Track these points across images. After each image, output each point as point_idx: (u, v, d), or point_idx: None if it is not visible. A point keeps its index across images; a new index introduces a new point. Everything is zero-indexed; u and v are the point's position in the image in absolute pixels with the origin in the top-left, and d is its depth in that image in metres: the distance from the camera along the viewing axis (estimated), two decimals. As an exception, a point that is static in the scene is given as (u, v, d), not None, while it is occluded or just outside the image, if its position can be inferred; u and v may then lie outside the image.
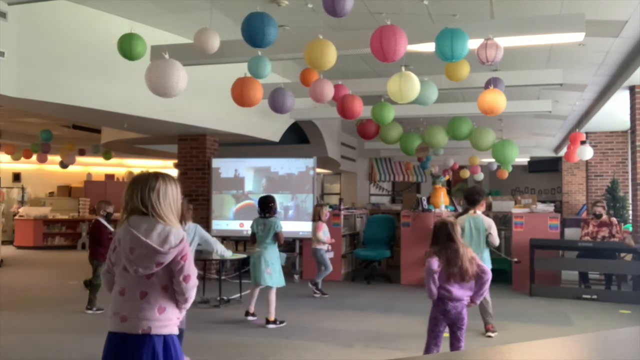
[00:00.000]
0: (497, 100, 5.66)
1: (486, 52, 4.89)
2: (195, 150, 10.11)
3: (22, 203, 17.12)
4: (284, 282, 6.49)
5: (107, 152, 14.04)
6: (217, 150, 10.42)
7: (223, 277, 8.06)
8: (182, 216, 4.76)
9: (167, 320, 2.54)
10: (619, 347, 2.05)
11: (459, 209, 10.27)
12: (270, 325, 6.35)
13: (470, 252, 4.12)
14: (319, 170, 14.11)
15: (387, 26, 4.64)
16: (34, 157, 13.47)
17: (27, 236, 15.16)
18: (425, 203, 9.82)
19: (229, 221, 9.93)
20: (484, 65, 5.07)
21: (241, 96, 5.53)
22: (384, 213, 11.60)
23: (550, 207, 9.23)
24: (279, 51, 6.10)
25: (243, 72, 5.65)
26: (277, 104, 6.09)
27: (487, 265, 5.97)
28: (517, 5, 5.93)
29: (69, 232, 15.79)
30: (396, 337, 5.94)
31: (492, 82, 6.28)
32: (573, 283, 8.65)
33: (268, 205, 6.50)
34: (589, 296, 7.99)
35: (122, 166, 18.75)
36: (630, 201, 9.97)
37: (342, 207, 10.53)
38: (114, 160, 16.00)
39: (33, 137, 13.51)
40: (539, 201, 10.07)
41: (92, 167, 18.25)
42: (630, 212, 9.43)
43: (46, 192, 17.69)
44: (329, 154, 13.24)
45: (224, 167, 10.06)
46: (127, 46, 5.25)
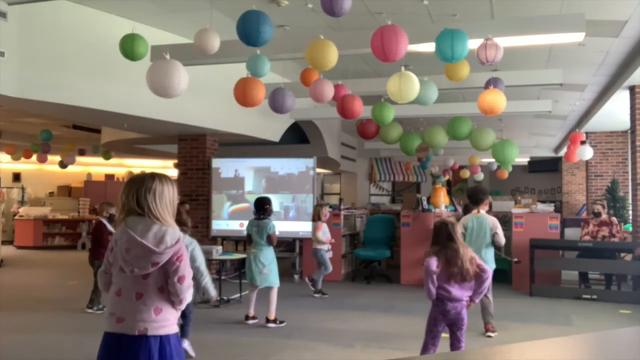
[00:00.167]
0: (497, 100, 5.66)
1: (486, 53, 4.89)
2: (195, 150, 10.11)
3: (22, 203, 17.12)
4: (278, 283, 6.48)
5: (107, 152, 14.04)
6: (217, 150, 10.42)
7: (223, 277, 8.06)
8: (183, 224, 4.67)
9: (164, 321, 2.53)
10: (619, 347, 2.05)
11: (459, 209, 10.27)
12: (271, 324, 6.35)
13: (470, 252, 4.11)
14: (319, 170, 14.11)
15: (388, 26, 4.64)
16: (34, 157, 13.46)
17: (27, 236, 15.16)
18: (425, 203, 9.82)
19: (229, 221, 9.92)
20: (483, 65, 5.07)
21: (244, 96, 5.53)
22: (384, 213, 11.60)
23: (550, 207, 9.22)
24: (279, 51, 6.11)
25: (243, 72, 5.65)
26: (277, 104, 6.09)
27: (490, 265, 5.99)
28: (517, 5, 5.93)
29: (69, 232, 15.79)
30: (396, 337, 5.94)
31: (492, 82, 6.27)
32: (573, 283, 8.65)
33: (263, 207, 6.51)
34: (589, 296, 7.99)
35: (122, 166, 18.76)
36: (630, 201, 9.97)
37: (342, 207, 10.53)
38: (114, 160, 16.00)
39: (33, 137, 13.51)
40: (539, 201, 10.07)
41: (92, 167, 18.25)
42: (630, 212, 9.43)
43: (46, 192, 17.69)
44: (329, 154, 13.23)
45: (224, 167, 10.06)
46: (129, 46, 5.25)
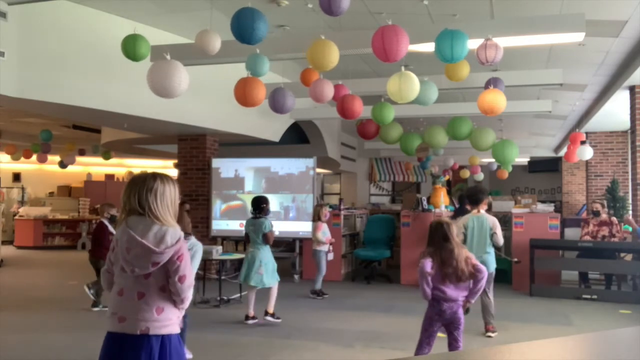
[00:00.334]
0: (497, 100, 5.66)
1: (486, 53, 4.89)
2: (195, 150, 10.11)
3: (22, 203, 17.12)
4: (273, 283, 6.47)
5: (107, 152, 14.04)
6: (217, 150, 10.42)
7: (223, 277, 8.06)
8: (183, 228, 4.57)
9: (166, 321, 2.54)
10: (619, 347, 2.05)
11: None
12: (268, 317, 6.42)
13: (466, 252, 4.09)
14: (319, 170, 14.11)
15: (388, 26, 4.64)
16: (34, 157, 13.47)
17: (27, 236, 15.16)
18: (425, 203, 9.82)
19: (229, 221, 9.92)
20: (483, 65, 5.07)
21: (244, 96, 5.52)
22: (384, 213, 11.59)
23: (550, 207, 9.22)
24: (279, 51, 6.11)
25: (243, 72, 5.64)
26: (277, 104, 6.09)
27: (492, 265, 5.99)
28: (517, 5, 5.93)
29: (69, 232, 15.79)
30: (396, 337, 5.93)
31: (492, 82, 6.28)
32: (573, 283, 8.65)
33: (260, 206, 6.52)
34: (589, 296, 7.99)
35: (122, 166, 18.76)
36: (630, 201, 9.97)
37: (342, 207, 10.53)
38: (114, 160, 16.00)
39: (33, 137, 13.50)
40: (539, 201, 10.06)
41: (92, 167, 18.25)
42: (631, 212, 9.43)
43: (46, 192, 17.69)
44: (329, 154, 13.23)
45: (224, 167, 10.06)
46: (130, 47, 5.24)
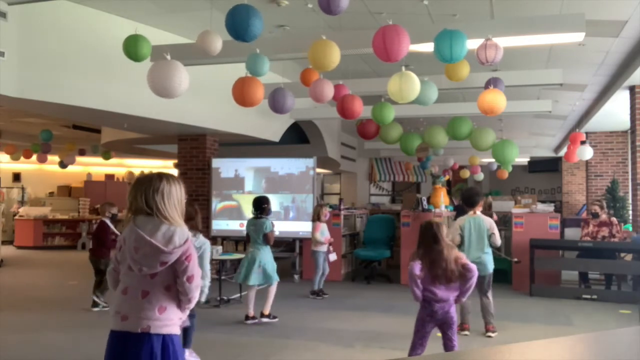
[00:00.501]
0: (497, 100, 5.67)
1: (486, 53, 4.89)
2: (195, 150, 10.11)
3: (22, 203, 17.12)
4: (272, 282, 6.47)
5: (107, 152, 14.04)
6: (217, 150, 10.42)
7: (223, 277, 8.06)
8: (193, 224, 4.57)
9: (168, 320, 2.54)
10: (619, 347, 2.05)
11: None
12: (264, 319, 6.41)
13: (456, 253, 4.08)
14: (319, 170, 14.11)
15: (389, 26, 4.63)
16: (34, 157, 13.46)
17: (27, 236, 15.16)
18: (425, 203, 9.82)
19: (229, 221, 9.92)
20: (483, 65, 5.07)
21: (242, 96, 5.52)
22: (384, 213, 11.59)
23: (550, 207, 9.22)
24: (279, 51, 6.11)
25: (243, 72, 5.64)
26: (277, 104, 6.09)
27: (490, 265, 6.00)
28: (517, 5, 5.93)
29: (69, 232, 15.79)
30: (396, 337, 5.93)
31: (492, 82, 6.28)
32: (573, 283, 8.65)
33: (261, 206, 6.52)
34: (589, 296, 7.99)
35: (122, 166, 18.76)
36: (630, 201, 9.97)
37: (342, 207, 10.52)
38: (114, 160, 16.00)
39: (33, 137, 13.50)
40: (539, 201, 10.06)
41: (92, 167, 18.25)
42: (630, 212, 9.43)
43: (46, 192, 17.69)
44: (329, 154, 13.23)
45: (224, 167, 10.06)
46: (132, 47, 5.24)
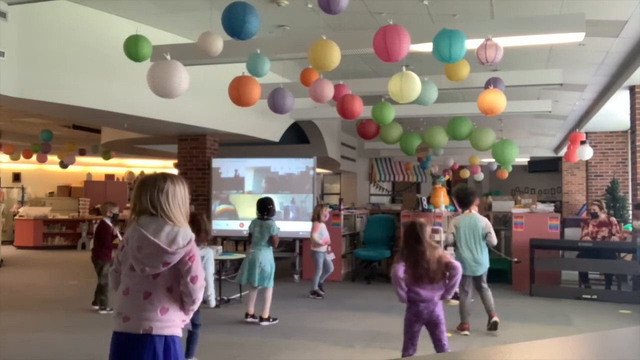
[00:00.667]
0: (497, 100, 5.67)
1: (486, 53, 4.89)
2: (195, 150, 10.11)
3: (22, 203, 17.11)
4: (271, 285, 6.45)
5: (107, 152, 14.04)
6: (217, 150, 10.42)
7: (223, 277, 8.06)
8: (201, 232, 4.44)
9: (169, 322, 2.53)
10: (619, 347, 2.05)
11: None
12: (264, 323, 6.39)
13: (439, 252, 4.09)
14: (319, 170, 14.11)
15: (390, 26, 4.63)
16: (34, 157, 13.47)
17: (27, 236, 15.15)
18: (425, 203, 9.82)
19: (229, 221, 9.92)
20: (483, 65, 5.07)
21: (238, 95, 5.51)
22: (384, 213, 11.59)
23: (550, 207, 9.22)
24: (279, 51, 6.11)
25: (243, 72, 5.64)
26: (277, 104, 6.09)
27: (485, 264, 6.02)
28: (517, 5, 5.93)
29: (69, 232, 15.78)
30: (396, 337, 5.90)
31: (492, 82, 6.28)
32: (573, 283, 8.64)
33: (266, 207, 6.51)
34: (589, 296, 7.99)
35: (122, 166, 18.76)
36: (630, 201, 9.96)
37: (342, 207, 10.52)
38: (114, 160, 16.00)
39: (33, 137, 13.51)
40: (539, 201, 10.06)
41: (92, 167, 18.25)
42: (630, 212, 9.43)
43: (46, 192, 17.69)
44: (329, 154, 13.24)
45: (224, 167, 10.06)
46: (133, 48, 5.24)
